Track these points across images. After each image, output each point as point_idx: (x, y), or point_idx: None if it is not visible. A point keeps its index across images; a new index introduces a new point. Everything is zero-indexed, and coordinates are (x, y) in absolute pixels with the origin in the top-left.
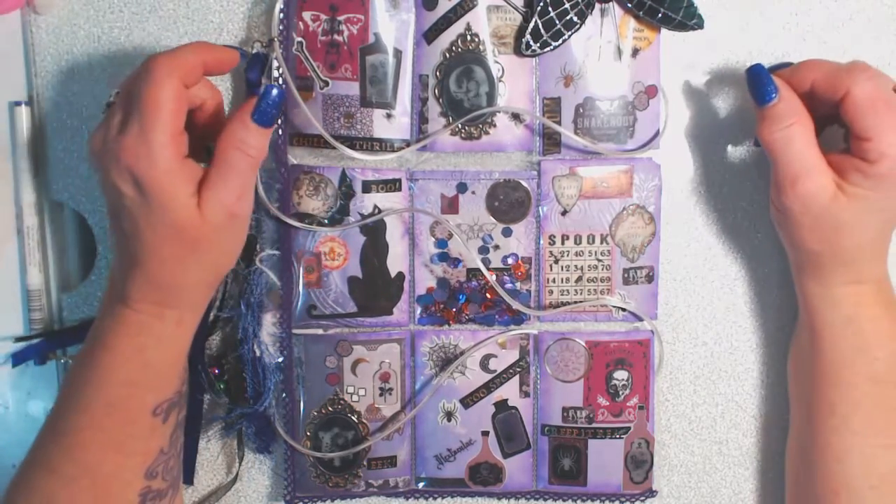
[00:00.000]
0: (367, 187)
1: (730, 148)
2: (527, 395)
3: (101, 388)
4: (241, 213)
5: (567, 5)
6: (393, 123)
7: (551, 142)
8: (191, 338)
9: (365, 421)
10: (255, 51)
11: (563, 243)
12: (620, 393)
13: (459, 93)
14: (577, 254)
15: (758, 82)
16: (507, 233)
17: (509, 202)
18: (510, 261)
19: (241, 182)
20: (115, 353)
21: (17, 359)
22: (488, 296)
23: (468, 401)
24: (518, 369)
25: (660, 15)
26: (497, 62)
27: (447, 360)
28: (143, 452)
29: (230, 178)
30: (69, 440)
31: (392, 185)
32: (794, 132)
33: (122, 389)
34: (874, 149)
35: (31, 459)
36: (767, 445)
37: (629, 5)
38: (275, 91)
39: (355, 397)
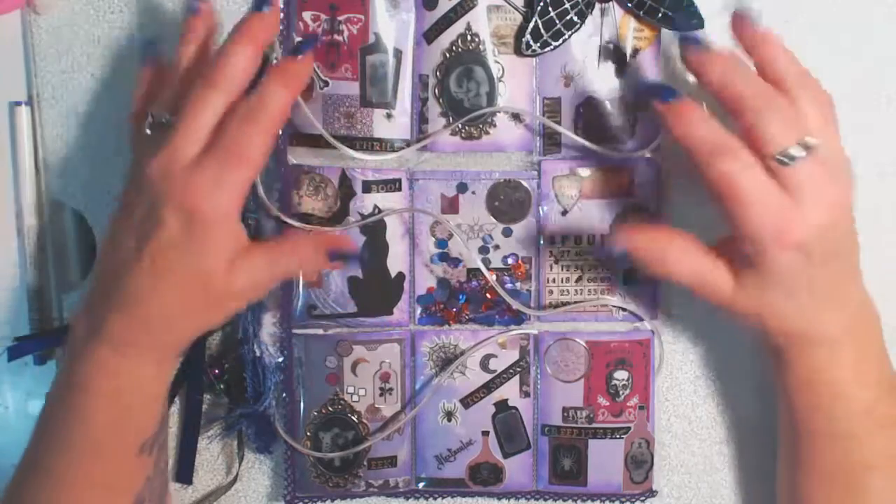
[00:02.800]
0: (367, 187)
1: None
2: (527, 395)
3: (84, 431)
4: (260, 296)
5: (567, 5)
6: (393, 123)
7: (551, 142)
8: (172, 375)
9: (365, 421)
10: None
11: (563, 243)
12: (620, 393)
13: (459, 93)
14: (577, 254)
15: (652, 88)
16: (507, 233)
17: (509, 202)
18: (510, 261)
19: (278, 277)
20: (94, 396)
21: (14, 353)
22: (488, 296)
23: (468, 401)
24: (518, 369)
25: (660, 15)
26: (497, 62)
27: (447, 360)
28: (130, 486)
29: (274, 269)
30: (54, 481)
31: (392, 185)
32: (668, 257)
33: (105, 432)
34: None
35: (18, 495)
36: (767, 445)
37: (629, 5)
38: (350, 259)
39: (355, 397)
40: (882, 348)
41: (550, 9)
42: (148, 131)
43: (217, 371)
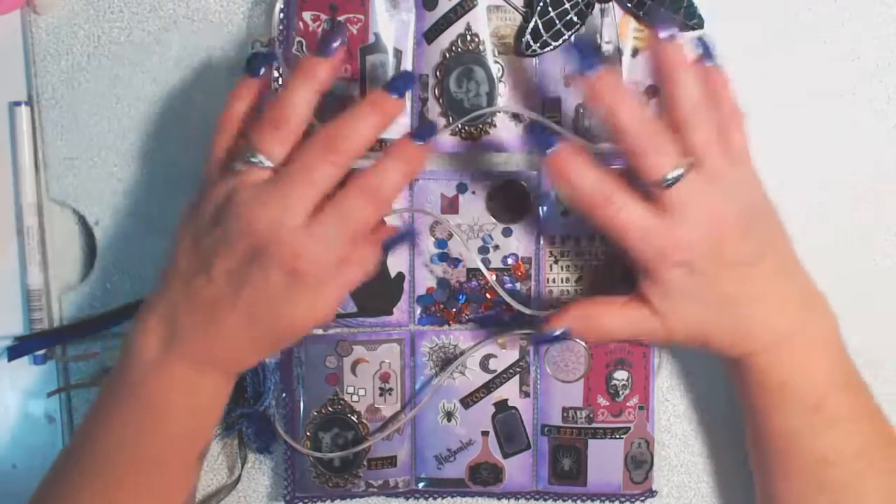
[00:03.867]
0: None
1: None
2: (527, 395)
3: (149, 441)
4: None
5: (567, 5)
6: (393, 123)
7: None
8: (233, 387)
9: (365, 421)
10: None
11: (563, 243)
12: (620, 393)
13: (459, 93)
14: (577, 254)
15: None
16: (507, 233)
17: (509, 202)
18: (510, 261)
19: (337, 304)
20: (168, 409)
21: (14, 353)
22: (488, 296)
23: (468, 401)
24: (518, 369)
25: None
26: (497, 62)
27: (447, 360)
28: (178, 498)
29: (343, 293)
30: (105, 486)
31: None
32: (601, 326)
33: (170, 444)
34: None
35: (60, 495)
36: None
37: (629, 5)
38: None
39: (355, 397)
40: (835, 344)
41: (550, 9)
42: (240, 166)
43: None
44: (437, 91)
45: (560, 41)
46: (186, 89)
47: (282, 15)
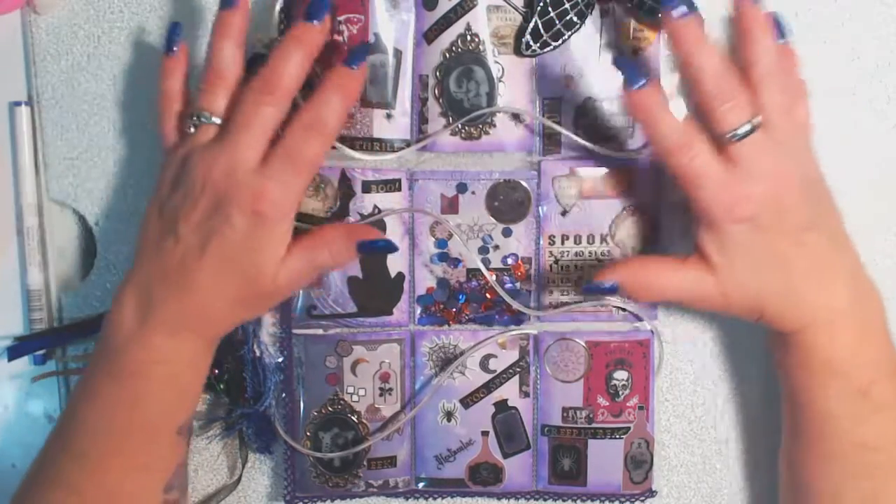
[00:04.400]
0: (366, 187)
1: None
2: (527, 395)
3: (132, 414)
4: (302, 286)
5: (567, 5)
6: (393, 123)
7: (551, 142)
8: (213, 353)
9: (365, 421)
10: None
11: (563, 243)
12: (620, 393)
13: (459, 93)
14: (577, 254)
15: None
16: (507, 233)
17: (509, 202)
18: (510, 261)
19: (315, 272)
20: (149, 380)
21: (14, 353)
22: (488, 296)
23: (468, 401)
24: (518, 369)
25: (660, 15)
26: (497, 62)
27: (447, 360)
28: (165, 469)
29: (311, 264)
30: (93, 464)
31: (392, 186)
32: (652, 283)
33: (154, 415)
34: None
35: (48, 478)
36: (767, 445)
37: (629, 5)
38: (383, 244)
39: (355, 397)
40: (882, 329)
41: (550, 9)
42: (191, 129)
43: (217, 371)
44: (437, 91)
45: (560, 41)
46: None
47: (282, 15)
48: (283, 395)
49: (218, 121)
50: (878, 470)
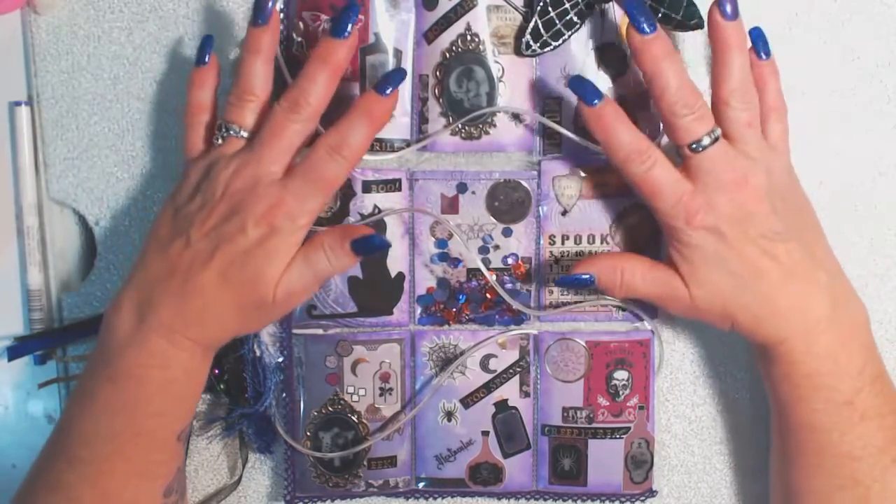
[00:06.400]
0: (367, 187)
1: None
2: (527, 395)
3: (129, 419)
4: (303, 297)
5: (567, 5)
6: (393, 123)
7: (551, 142)
8: (210, 363)
9: (365, 421)
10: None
11: (563, 243)
12: (620, 393)
13: (459, 93)
14: (577, 254)
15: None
16: (507, 233)
17: (509, 202)
18: (510, 261)
19: (315, 281)
20: (145, 384)
21: (14, 353)
22: (488, 296)
23: (468, 401)
24: (518, 369)
25: (660, 15)
26: (497, 62)
27: (447, 360)
28: (164, 475)
29: (309, 274)
30: (92, 469)
31: (392, 185)
32: (627, 279)
33: (151, 420)
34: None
35: (46, 482)
36: (767, 445)
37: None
38: (378, 241)
39: (355, 397)
40: (865, 337)
41: (550, 9)
42: (219, 141)
43: (217, 371)
44: (437, 91)
45: (560, 41)
46: (186, 89)
47: (282, 15)
48: (284, 395)
49: (246, 134)
50: (864, 479)
